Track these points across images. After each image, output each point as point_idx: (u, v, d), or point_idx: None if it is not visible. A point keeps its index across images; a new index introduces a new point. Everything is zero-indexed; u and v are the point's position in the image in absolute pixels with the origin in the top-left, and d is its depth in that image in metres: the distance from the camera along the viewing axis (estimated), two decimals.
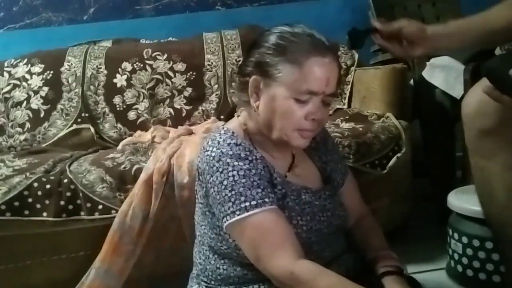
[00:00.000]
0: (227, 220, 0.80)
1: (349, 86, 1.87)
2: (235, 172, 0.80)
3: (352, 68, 1.92)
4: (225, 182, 0.80)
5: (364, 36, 0.99)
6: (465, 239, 1.27)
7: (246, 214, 0.78)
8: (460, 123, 1.64)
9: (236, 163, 0.81)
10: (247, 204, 0.78)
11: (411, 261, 1.45)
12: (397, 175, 1.49)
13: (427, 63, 1.74)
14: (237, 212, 0.78)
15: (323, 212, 0.89)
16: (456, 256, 1.31)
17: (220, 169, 0.81)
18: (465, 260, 1.28)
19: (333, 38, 0.93)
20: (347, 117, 1.63)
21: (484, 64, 0.81)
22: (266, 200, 0.79)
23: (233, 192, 0.79)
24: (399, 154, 1.48)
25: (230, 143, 0.84)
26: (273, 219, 0.79)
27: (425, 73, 1.72)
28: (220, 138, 0.85)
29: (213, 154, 0.83)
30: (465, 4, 2.21)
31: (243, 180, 0.79)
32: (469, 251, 1.26)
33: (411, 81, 1.79)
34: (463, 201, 1.30)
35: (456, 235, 1.30)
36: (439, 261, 1.43)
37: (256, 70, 0.85)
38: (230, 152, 0.82)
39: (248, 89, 0.87)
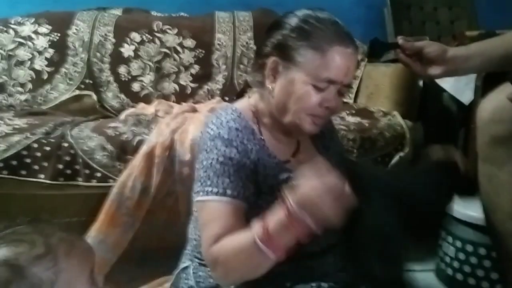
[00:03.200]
0: (194, 198, 0.83)
1: (357, 81, 1.86)
2: (216, 156, 0.81)
3: (363, 63, 1.91)
4: (204, 162, 0.81)
5: (385, 49, 0.98)
6: (458, 243, 1.28)
7: (205, 197, 0.79)
8: (464, 128, 1.66)
9: (222, 148, 0.81)
10: (209, 189, 0.79)
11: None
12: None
13: None
14: (200, 193, 0.80)
15: None
16: (447, 259, 1.32)
17: (208, 150, 0.82)
18: (456, 264, 1.29)
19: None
20: (353, 111, 1.62)
21: None
22: (229, 191, 0.79)
23: (205, 174, 0.80)
24: (402, 153, 1.48)
25: (231, 126, 0.84)
26: (225, 211, 0.78)
27: None
28: (225, 118, 0.85)
29: (211, 133, 0.83)
30: (481, 10, 2.20)
31: (218, 166, 0.80)
32: (461, 255, 1.27)
33: (420, 82, 1.78)
34: (460, 205, 1.30)
35: (449, 238, 1.31)
36: (428, 262, 1.44)
37: (276, 52, 0.84)
38: (226, 136, 0.82)
39: (265, 69, 0.86)
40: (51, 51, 1.82)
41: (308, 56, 0.81)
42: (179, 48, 1.87)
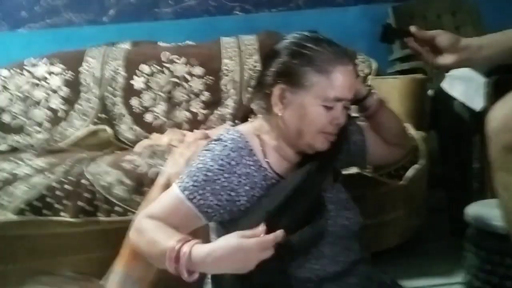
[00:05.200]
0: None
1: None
2: (203, 165, 0.85)
3: (369, 77, 1.91)
4: (194, 163, 0.87)
5: (397, 35, 1.00)
6: (483, 254, 1.25)
7: (175, 186, 0.85)
8: (478, 135, 1.65)
9: (211, 164, 0.85)
10: (182, 184, 0.84)
11: (426, 275, 1.45)
12: (414, 186, 1.48)
13: (447, 74, 1.73)
14: (177, 181, 0.86)
15: (324, 212, 0.88)
16: (473, 271, 1.29)
17: (201, 156, 0.87)
18: (483, 276, 1.26)
19: (351, 46, 0.93)
20: None
21: None
22: (195, 196, 0.83)
23: (188, 171, 0.86)
24: (417, 165, 1.47)
25: (226, 144, 0.87)
26: (177, 206, 0.84)
27: (445, 85, 1.71)
28: (224, 137, 0.89)
29: (206, 146, 0.89)
30: (485, 14, 2.20)
31: (195, 170, 0.85)
32: (488, 266, 1.24)
33: (429, 91, 1.78)
34: (482, 215, 1.28)
35: (474, 250, 1.28)
36: (455, 275, 1.41)
37: (281, 80, 0.87)
38: (216, 152, 0.86)
39: (271, 98, 0.88)
40: (65, 89, 1.88)
41: (315, 80, 0.85)
42: (188, 77, 1.91)
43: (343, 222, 0.91)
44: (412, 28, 0.96)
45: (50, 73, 1.90)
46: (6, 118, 1.85)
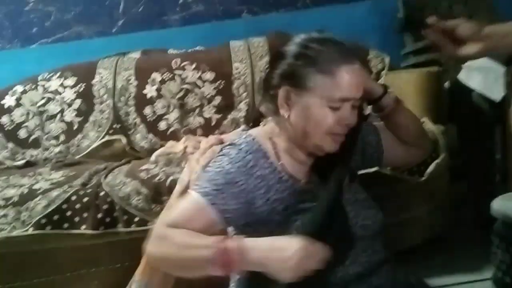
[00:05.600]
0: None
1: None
2: (221, 169, 0.85)
3: (383, 72, 1.88)
4: (210, 168, 0.86)
5: (415, 25, 0.96)
6: None
7: (194, 193, 0.83)
8: (499, 125, 1.60)
9: (229, 167, 0.84)
10: (201, 189, 0.83)
11: (454, 271, 1.41)
12: (436, 181, 1.45)
13: (463, 65, 1.69)
14: (194, 187, 0.85)
15: (343, 215, 0.86)
16: (503, 267, 1.25)
17: (217, 161, 0.87)
18: None
19: (362, 42, 0.91)
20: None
21: None
22: (217, 200, 0.82)
23: (205, 176, 0.85)
24: (437, 160, 1.43)
25: (241, 148, 0.87)
26: (201, 214, 0.82)
27: (461, 76, 1.67)
28: (237, 141, 0.89)
29: (222, 150, 0.89)
30: (498, 2, 2.14)
31: (223, 175, 0.84)
32: None
33: (446, 84, 1.74)
34: (509, 208, 1.24)
35: (503, 245, 1.24)
36: (484, 270, 1.37)
37: (285, 81, 0.86)
38: (232, 155, 0.86)
39: (278, 100, 0.87)
40: (78, 101, 1.89)
41: (319, 81, 0.83)
42: (199, 82, 1.90)
43: (364, 222, 0.89)
44: (431, 19, 0.93)
45: (64, 86, 1.91)
46: (23, 133, 1.87)
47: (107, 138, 1.85)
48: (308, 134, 0.86)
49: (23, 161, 1.81)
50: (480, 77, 1.59)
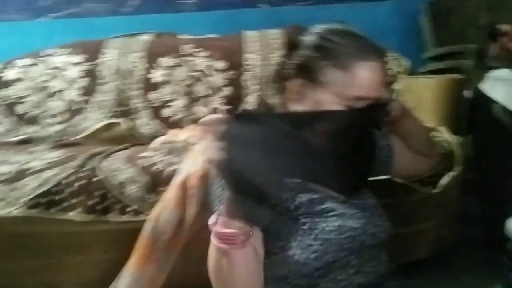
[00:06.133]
0: None
1: (396, 95, 1.75)
2: None
3: (400, 76, 1.80)
4: None
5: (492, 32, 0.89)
6: None
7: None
8: None
9: None
10: None
11: None
12: (448, 194, 1.37)
13: (486, 75, 1.61)
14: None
15: (354, 220, 0.82)
16: None
17: None
18: None
19: (381, 43, 0.86)
20: None
21: None
22: None
23: None
24: (452, 173, 1.36)
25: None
26: None
27: (484, 86, 1.58)
28: None
29: None
30: None
31: None
32: None
33: (466, 93, 1.65)
34: None
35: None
36: None
37: (299, 73, 0.80)
38: None
39: (288, 92, 0.82)
40: (82, 80, 1.82)
41: (333, 76, 0.77)
42: (208, 71, 1.83)
43: (373, 230, 0.83)
44: (504, 27, 0.85)
45: (68, 63, 1.85)
46: (23, 109, 1.81)
47: (108, 120, 1.78)
48: None
49: (21, 138, 1.75)
50: (504, 88, 1.50)
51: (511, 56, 0.86)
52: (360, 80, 0.76)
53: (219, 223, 0.68)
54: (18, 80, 1.83)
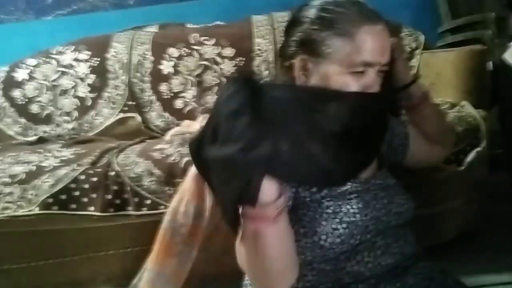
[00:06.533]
0: None
1: (414, 71, 1.69)
2: None
3: (418, 51, 1.74)
4: None
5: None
6: None
7: None
8: None
9: None
10: None
11: (491, 270, 1.29)
12: (475, 171, 1.32)
13: (508, 45, 1.53)
14: None
15: (376, 200, 0.80)
16: None
17: None
18: None
19: (393, 19, 0.82)
20: None
21: None
22: None
23: None
24: (478, 149, 1.30)
25: None
26: None
27: (507, 56, 1.51)
28: None
29: None
30: None
31: None
32: None
33: (489, 64, 1.58)
34: None
35: None
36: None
37: (301, 49, 0.78)
38: None
39: (294, 71, 0.79)
40: (92, 76, 1.81)
41: (337, 45, 0.74)
42: (218, 59, 1.80)
43: (397, 209, 0.81)
44: None
45: (77, 60, 1.84)
46: (35, 108, 1.80)
47: (121, 115, 1.77)
48: None
49: (35, 137, 1.75)
50: None
51: None
52: (364, 44, 0.74)
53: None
54: (29, 79, 1.83)
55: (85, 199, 1.20)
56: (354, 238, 0.75)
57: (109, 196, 1.20)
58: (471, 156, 1.29)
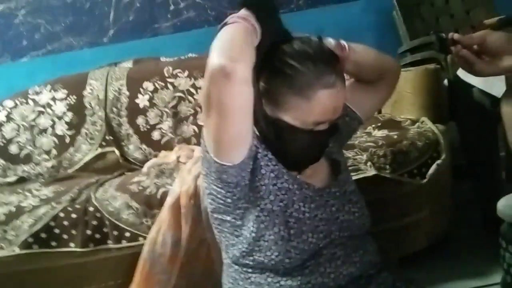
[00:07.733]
0: None
1: None
2: None
3: None
4: None
5: (448, 44, 0.90)
6: None
7: None
8: (502, 122, 1.55)
9: None
10: None
11: (461, 277, 1.35)
12: (438, 183, 1.40)
13: None
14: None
15: (325, 207, 0.85)
16: None
17: None
18: None
19: (358, 42, 0.88)
20: (379, 124, 1.54)
21: None
22: None
23: None
24: (439, 161, 1.38)
25: None
26: None
27: (461, 72, 1.61)
28: None
29: None
30: None
31: None
32: None
33: (445, 81, 1.68)
34: None
35: (511, 248, 1.18)
36: (493, 275, 1.31)
37: (263, 95, 0.84)
38: None
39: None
40: (70, 114, 1.85)
41: (294, 103, 0.80)
42: (192, 90, 1.86)
43: (345, 217, 0.86)
44: (455, 35, 0.86)
45: (54, 99, 1.88)
46: (14, 149, 1.83)
47: (99, 150, 1.80)
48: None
49: (15, 178, 1.77)
50: None
51: (464, 66, 0.87)
52: (320, 108, 0.79)
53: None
54: (7, 121, 1.86)
55: (65, 236, 1.23)
56: (305, 234, 0.80)
57: (89, 232, 1.24)
58: (432, 169, 1.37)
